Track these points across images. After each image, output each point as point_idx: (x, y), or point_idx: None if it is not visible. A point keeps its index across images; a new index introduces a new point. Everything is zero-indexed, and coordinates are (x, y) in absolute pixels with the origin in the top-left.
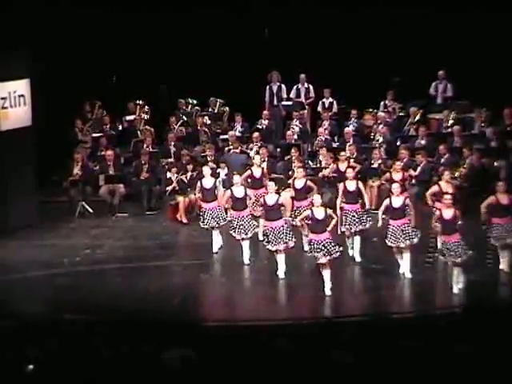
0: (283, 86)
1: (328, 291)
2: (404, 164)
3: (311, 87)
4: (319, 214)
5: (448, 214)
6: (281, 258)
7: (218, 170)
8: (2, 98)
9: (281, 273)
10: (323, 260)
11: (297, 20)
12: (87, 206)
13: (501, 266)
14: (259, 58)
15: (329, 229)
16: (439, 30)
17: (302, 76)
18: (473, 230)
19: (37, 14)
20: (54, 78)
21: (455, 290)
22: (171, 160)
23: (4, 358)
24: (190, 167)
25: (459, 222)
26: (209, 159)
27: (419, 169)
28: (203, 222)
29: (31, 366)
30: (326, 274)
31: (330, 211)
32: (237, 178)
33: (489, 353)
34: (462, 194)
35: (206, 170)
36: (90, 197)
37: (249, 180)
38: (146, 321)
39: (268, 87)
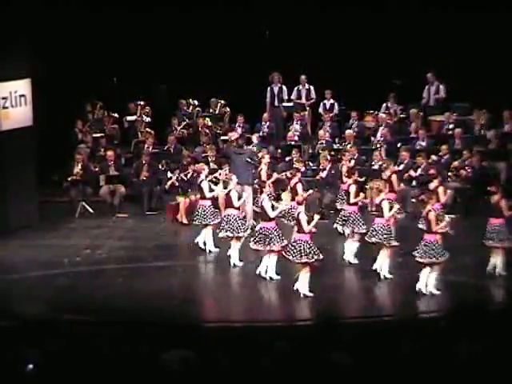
0: (284, 87)
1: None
2: (405, 165)
3: (312, 88)
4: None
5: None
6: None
7: (220, 171)
8: (3, 98)
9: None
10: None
11: (298, 21)
12: (87, 207)
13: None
14: (260, 59)
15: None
16: (440, 32)
17: (303, 77)
18: (474, 232)
19: (38, 14)
20: (55, 78)
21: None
22: (172, 161)
23: (4, 358)
24: (191, 168)
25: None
26: (210, 160)
27: (419, 170)
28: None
29: (31, 366)
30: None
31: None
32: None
33: (489, 354)
34: (463, 195)
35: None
36: (90, 197)
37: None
38: (146, 321)
39: (269, 88)
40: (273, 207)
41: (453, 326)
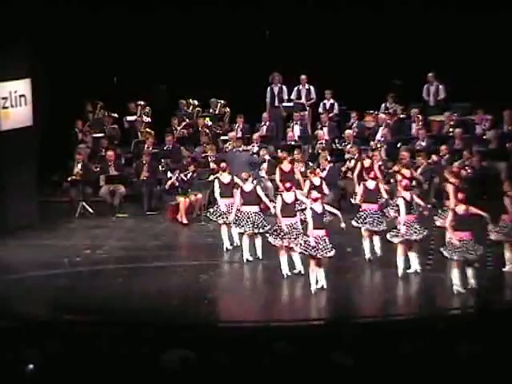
0: (284, 87)
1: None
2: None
3: (312, 88)
4: (318, 208)
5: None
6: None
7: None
8: (3, 98)
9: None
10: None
11: (298, 22)
12: (87, 207)
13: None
14: (260, 59)
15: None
16: (440, 32)
17: (303, 77)
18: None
19: (38, 13)
20: (55, 78)
21: (461, 289)
22: (172, 161)
23: (4, 358)
24: (191, 168)
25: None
26: (210, 160)
27: (419, 170)
28: (238, 225)
29: (31, 366)
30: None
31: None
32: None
33: (489, 355)
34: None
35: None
36: (90, 197)
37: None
38: (146, 322)
39: (269, 88)
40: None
41: (452, 326)
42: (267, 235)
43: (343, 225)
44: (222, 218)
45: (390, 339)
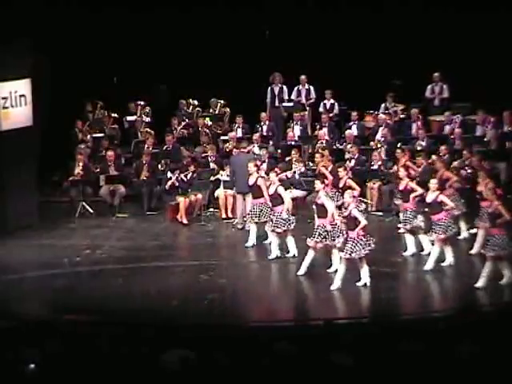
0: (285, 87)
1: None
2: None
3: (312, 88)
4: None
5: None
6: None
7: (221, 172)
8: (3, 98)
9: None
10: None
11: (298, 22)
12: (87, 207)
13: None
14: (260, 59)
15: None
16: (440, 32)
17: (303, 77)
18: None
19: (38, 13)
20: (56, 78)
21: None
22: (172, 161)
23: (4, 358)
24: (191, 168)
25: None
26: (210, 160)
27: (419, 170)
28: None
29: (32, 366)
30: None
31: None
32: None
33: (488, 355)
34: (463, 195)
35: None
36: (90, 197)
37: None
38: (146, 322)
39: (270, 89)
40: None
41: (452, 326)
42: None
43: None
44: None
45: (389, 339)
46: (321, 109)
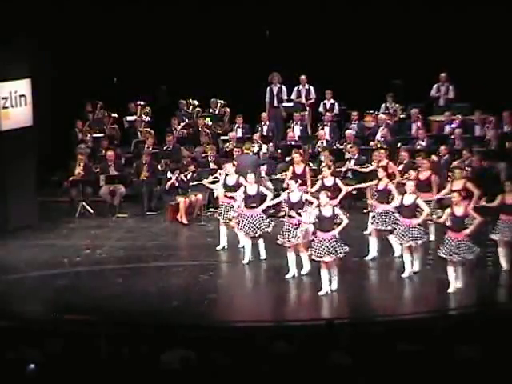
0: (284, 87)
1: (324, 291)
2: (405, 165)
3: (312, 88)
4: (326, 212)
5: (458, 211)
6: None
7: (220, 172)
8: (3, 98)
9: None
10: (327, 258)
11: (298, 21)
12: (87, 207)
13: (503, 266)
14: (260, 59)
15: (337, 230)
16: (440, 32)
17: (303, 77)
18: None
19: (38, 13)
20: (56, 78)
21: (452, 288)
22: (172, 161)
23: (4, 358)
24: (191, 168)
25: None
26: (210, 160)
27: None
28: (241, 228)
29: (32, 366)
30: (325, 273)
31: (337, 210)
32: (251, 177)
33: (487, 355)
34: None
35: (251, 178)
36: (90, 197)
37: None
38: (146, 322)
39: (269, 88)
40: None
41: (451, 327)
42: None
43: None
44: None
45: (387, 339)
46: (321, 109)
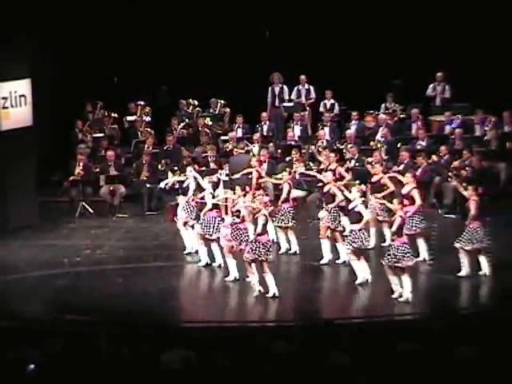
0: (285, 87)
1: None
2: (405, 165)
3: (312, 88)
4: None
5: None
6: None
7: (220, 172)
8: (3, 98)
9: None
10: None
11: (298, 21)
12: (87, 207)
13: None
14: (261, 59)
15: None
16: (440, 32)
17: (303, 77)
18: None
19: (38, 13)
20: (56, 78)
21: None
22: (172, 161)
23: (4, 358)
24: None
25: None
26: (210, 160)
27: (420, 170)
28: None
29: (32, 366)
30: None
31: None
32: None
33: (486, 355)
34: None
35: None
36: (90, 197)
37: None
38: (146, 322)
39: (270, 89)
40: None
41: (448, 327)
42: None
43: None
44: None
45: (387, 339)
46: (321, 109)
